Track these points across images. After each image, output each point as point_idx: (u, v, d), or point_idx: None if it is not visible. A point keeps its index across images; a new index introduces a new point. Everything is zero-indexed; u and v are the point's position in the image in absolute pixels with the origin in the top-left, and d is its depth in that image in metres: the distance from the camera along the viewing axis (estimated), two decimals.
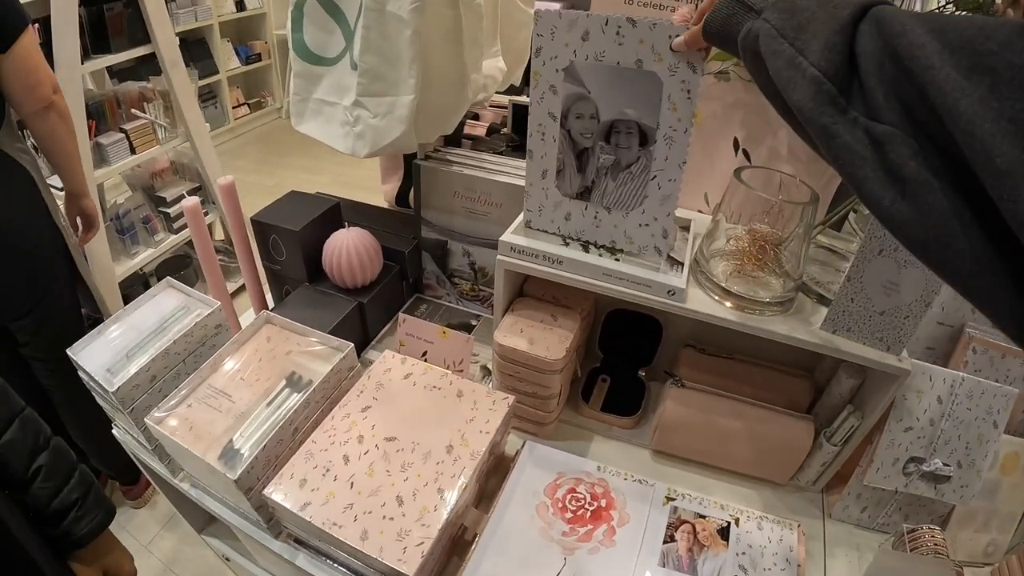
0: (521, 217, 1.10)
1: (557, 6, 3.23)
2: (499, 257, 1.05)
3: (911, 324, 0.91)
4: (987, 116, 0.40)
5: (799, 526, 1.00)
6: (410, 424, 1.00)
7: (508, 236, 1.05)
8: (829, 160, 0.56)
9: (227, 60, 5.28)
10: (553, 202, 1.06)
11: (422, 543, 0.84)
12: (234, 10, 5.22)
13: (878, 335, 0.94)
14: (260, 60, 5.65)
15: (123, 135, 2.56)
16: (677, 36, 0.84)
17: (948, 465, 0.98)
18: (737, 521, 0.99)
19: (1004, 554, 1.06)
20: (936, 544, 0.90)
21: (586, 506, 1.00)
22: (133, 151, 2.61)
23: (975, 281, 0.46)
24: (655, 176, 0.96)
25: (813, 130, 0.56)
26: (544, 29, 0.92)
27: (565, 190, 1.04)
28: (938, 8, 0.96)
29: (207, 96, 5.22)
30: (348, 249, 1.26)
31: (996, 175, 0.40)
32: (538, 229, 1.09)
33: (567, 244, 1.05)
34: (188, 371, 1.08)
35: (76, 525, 1.00)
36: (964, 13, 0.93)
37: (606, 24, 0.88)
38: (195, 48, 4.95)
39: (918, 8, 1.00)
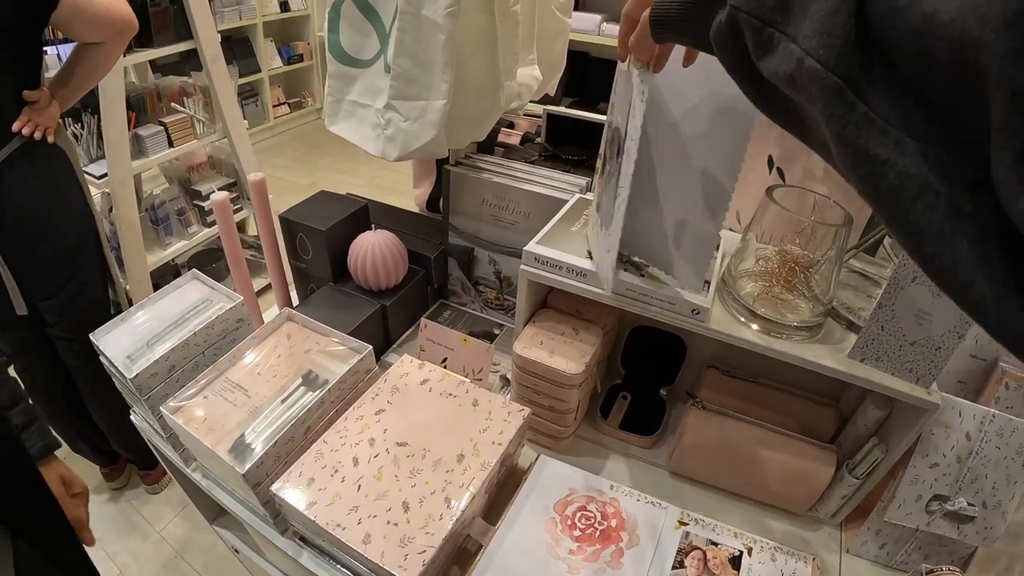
0: (548, 228, 1.10)
1: (598, 18, 3.26)
2: (522, 267, 1.05)
3: (943, 356, 0.88)
4: None
5: (814, 559, 0.97)
6: (423, 430, 0.99)
7: (533, 246, 1.04)
8: (848, 175, 0.46)
9: (269, 59, 5.36)
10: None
11: (424, 551, 0.83)
12: (278, 10, 5.30)
13: (908, 366, 0.91)
14: (302, 61, 5.72)
15: (162, 128, 2.60)
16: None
17: (973, 505, 0.95)
18: (750, 551, 0.97)
19: None
20: None
21: (596, 525, 0.98)
22: (171, 144, 2.65)
23: None
24: (619, 190, 0.86)
25: (827, 129, 0.46)
26: None
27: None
28: None
29: (248, 94, 5.29)
30: (374, 251, 1.26)
31: None
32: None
33: (591, 257, 1.04)
34: (207, 363, 1.09)
35: None
36: None
37: None
38: (238, 46, 5.03)
39: None
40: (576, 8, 3.57)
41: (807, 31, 0.45)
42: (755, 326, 0.97)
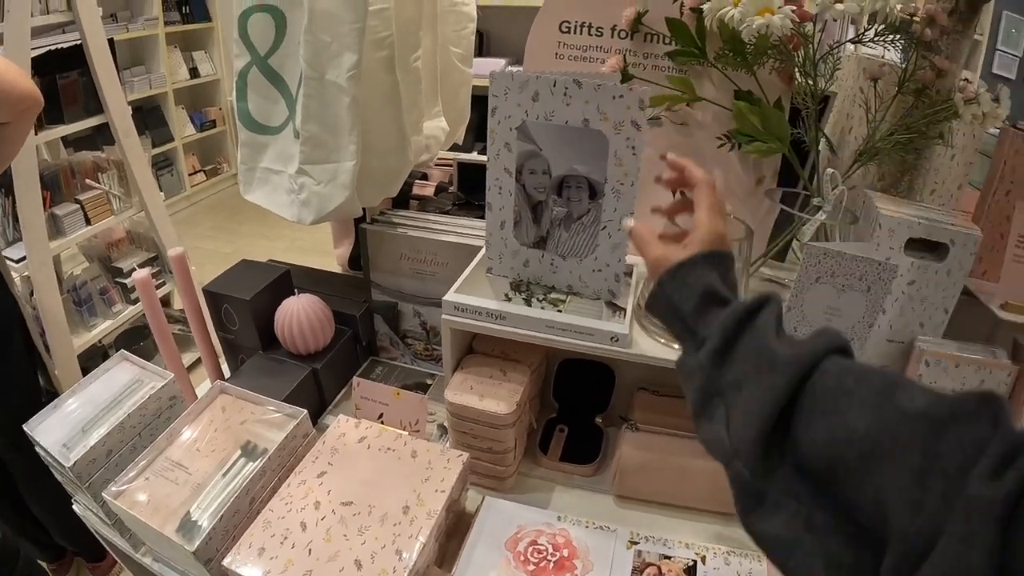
0: (464, 276, 1.13)
1: (503, 62, 3.30)
2: (444, 316, 1.07)
3: (857, 346, 0.95)
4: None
5: None
6: (366, 487, 1.00)
7: (451, 295, 1.07)
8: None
9: (182, 127, 5.31)
10: (512, 251, 1.11)
11: None
12: (188, 77, 5.27)
13: None
14: (215, 126, 5.68)
15: (78, 206, 2.56)
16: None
17: None
18: (703, 559, 1.00)
19: None
20: None
21: (548, 557, 1.00)
22: (88, 222, 2.61)
23: None
24: (605, 226, 1.02)
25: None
26: (498, 90, 0.98)
27: (522, 240, 1.10)
28: (862, 32, 1.01)
29: (163, 164, 5.22)
30: (299, 316, 1.26)
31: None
32: (499, 275, 1.14)
33: (509, 299, 1.07)
34: (144, 444, 1.08)
35: None
36: None
37: (554, 85, 0.94)
38: (150, 115, 4.97)
39: (849, 31, 1.04)
40: (481, 54, 3.61)
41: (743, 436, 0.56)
42: (675, 345, 1.00)
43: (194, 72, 5.35)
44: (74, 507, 1.21)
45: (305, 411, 1.09)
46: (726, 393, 0.59)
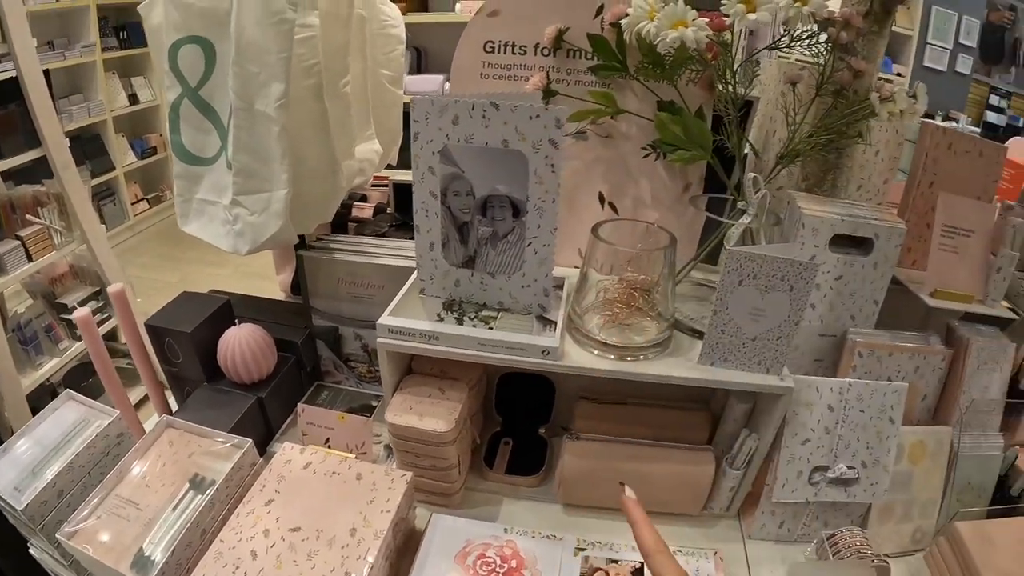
0: (397, 299, 1.15)
1: (440, 78, 3.31)
2: (379, 340, 1.08)
3: (784, 344, 0.97)
4: None
5: (715, 553, 1.04)
6: (313, 512, 1.01)
7: (385, 319, 1.08)
8: None
9: (123, 155, 5.22)
10: (442, 271, 1.13)
11: None
12: (127, 104, 5.19)
13: (755, 359, 0.99)
14: (156, 153, 5.60)
15: (19, 242, 2.52)
16: None
17: (853, 468, 1.04)
18: None
19: (932, 538, 1.10)
20: (857, 544, 0.96)
21: (497, 569, 1.01)
22: (30, 258, 2.57)
23: None
24: (530, 243, 1.05)
25: None
26: (419, 115, 1.00)
27: (451, 260, 1.12)
28: (779, 39, 1.04)
29: (105, 194, 5.13)
30: (240, 346, 1.27)
31: None
32: (432, 296, 1.17)
33: (442, 319, 1.09)
34: (94, 483, 1.07)
35: None
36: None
37: (472, 109, 0.96)
38: (90, 145, 4.89)
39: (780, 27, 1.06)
40: (419, 71, 3.64)
41: None
42: (609, 355, 1.03)
43: (133, 99, 5.27)
44: (31, 551, 1.20)
45: (250, 441, 1.09)
46: None
